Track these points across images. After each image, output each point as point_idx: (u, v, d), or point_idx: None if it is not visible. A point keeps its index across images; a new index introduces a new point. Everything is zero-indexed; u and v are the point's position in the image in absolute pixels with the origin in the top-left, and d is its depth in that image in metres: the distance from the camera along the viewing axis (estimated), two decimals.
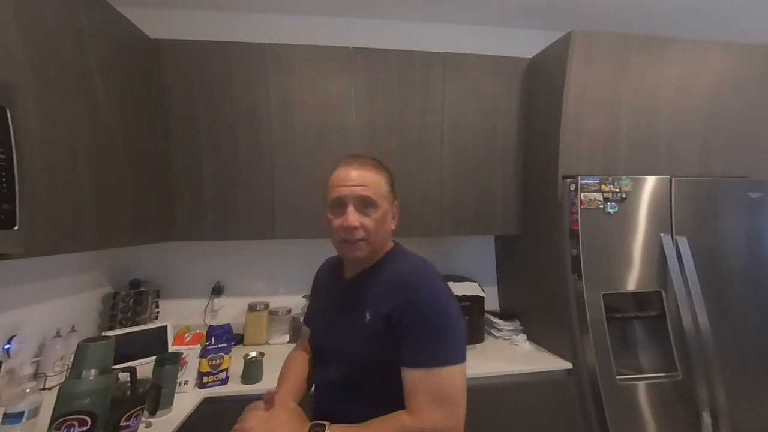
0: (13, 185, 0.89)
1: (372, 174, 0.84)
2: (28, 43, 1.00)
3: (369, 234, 0.81)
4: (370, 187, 0.82)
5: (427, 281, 0.79)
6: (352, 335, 0.81)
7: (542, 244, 1.74)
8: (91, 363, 0.99)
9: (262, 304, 1.92)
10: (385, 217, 0.84)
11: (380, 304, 0.78)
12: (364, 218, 0.81)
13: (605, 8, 2.03)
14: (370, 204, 0.81)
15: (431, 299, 0.76)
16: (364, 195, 0.81)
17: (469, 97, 1.83)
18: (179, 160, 1.68)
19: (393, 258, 0.87)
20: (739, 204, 1.60)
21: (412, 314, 0.74)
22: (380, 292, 0.80)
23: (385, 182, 0.86)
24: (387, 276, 0.82)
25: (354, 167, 0.84)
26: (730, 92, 1.74)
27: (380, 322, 0.76)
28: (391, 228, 0.88)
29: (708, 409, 1.43)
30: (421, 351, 0.73)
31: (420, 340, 0.73)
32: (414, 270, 0.82)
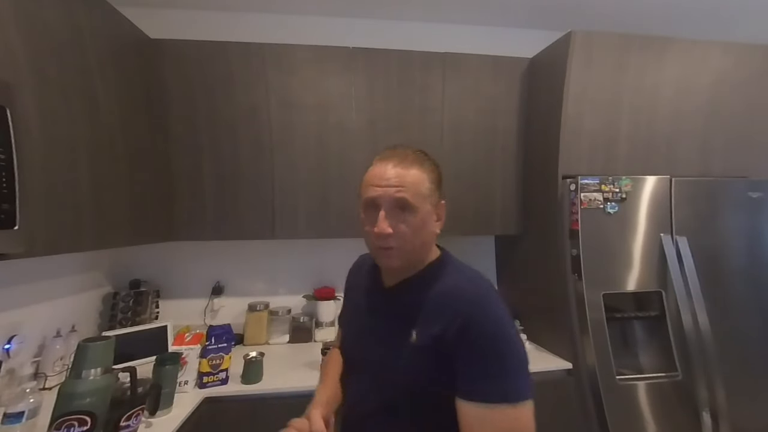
0: (13, 185, 0.88)
1: (412, 171, 0.71)
2: (28, 43, 1.00)
3: (404, 242, 0.71)
4: (408, 187, 0.70)
5: (488, 302, 0.68)
6: (393, 355, 0.71)
7: (542, 244, 1.74)
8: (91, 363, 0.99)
9: (262, 304, 1.92)
10: (425, 222, 0.72)
11: (430, 323, 0.68)
12: (399, 224, 0.70)
13: (605, 8, 2.03)
14: (407, 207, 0.70)
15: (493, 322, 0.65)
16: (399, 197, 0.69)
17: (469, 97, 1.83)
18: (179, 160, 1.68)
19: (442, 269, 0.76)
20: (739, 204, 1.60)
21: (470, 337, 0.63)
22: (430, 309, 0.70)
23: (428, 179, 0.73)
24: (438, 291, 0.71)
25: (391, 163, 0.72)
26: (730, 92, 1.74)
27: (429, 344, 0.67)
28: (434, 232, 0.76)
29: (708, 409, 1.43)
30: (483, 382, 0.62)
31: (483, 370, 0.62)
32: (471, 287, 0.70)
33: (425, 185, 0.72)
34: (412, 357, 0.68)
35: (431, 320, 0.68)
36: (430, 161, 0.76)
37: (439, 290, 0.71)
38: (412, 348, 0.68)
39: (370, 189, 0.72)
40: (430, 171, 0.74)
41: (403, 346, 0.69)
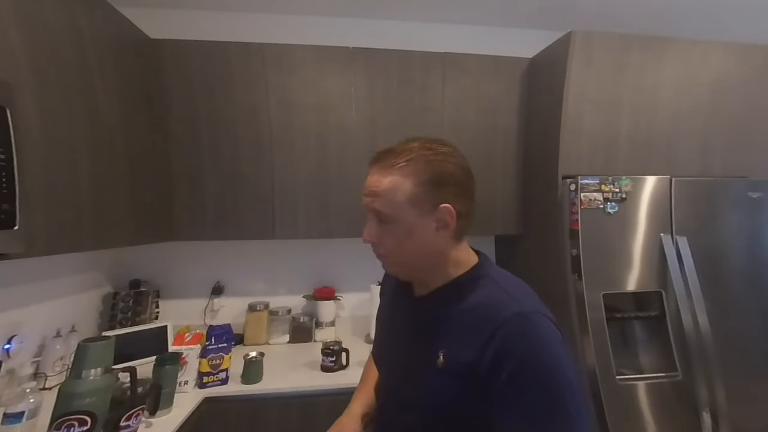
0: (13, 185, 0.89)
1: (390, 177, 0.62)
2: (28, 43, 1.00)
3: (390, 253, 0.65)
4: (381, 196, 0.63)
5: (530, 328, 0.57)
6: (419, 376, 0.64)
7: (542, 244, 1.74)
8: (91, 363, 0.99)
9: (262, 304, 1.92)
10: (413, 231, 0.63)
11: (460, 346, 0.60)
12: (383, 236, 0.65)
13: (605, 8, 2.03)
14: (384, 218, 0.63)
15: (537, 354, 0.54)
16: (373, 208, 0.64)
17: (469, 97, 1.83)
18: (179, 160, 1.68)
19: (477, 280, 0.66)
20: (739, 204, 1.60)
21: (509, 373, 0.53)
22: (461, 328, 0.61)
23: (413, 183, 0.62)
24: (471, 308, 0.62)
25: (372, 169, 0.66)
26: (730, 92, 1.74)
27: (458, 370, 0.58)
28: (434, 242, 0.64)
29: (708, 409, 1.43)
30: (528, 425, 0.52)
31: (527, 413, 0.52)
32: (511, 305, 0.59)
33: (406, 191, 0.62)
34: (440, 383, 0.61)
35: (462, 343, 0.60)
36: (429, 158, 0.63)
37: (473, 305, 0.62)
38: (439, 373, 0.61)
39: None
40: (422, 171, 0.62)
41: (428, 367, 0.62)
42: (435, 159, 0.63)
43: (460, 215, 0.64)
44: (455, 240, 0.67)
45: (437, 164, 0.63)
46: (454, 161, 0.64)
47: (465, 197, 0.65)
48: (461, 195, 0.65)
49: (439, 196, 0.63)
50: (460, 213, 0.64)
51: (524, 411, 0.52)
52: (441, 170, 0.63)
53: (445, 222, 0.63)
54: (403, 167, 0.62)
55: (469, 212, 0.66)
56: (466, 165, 0.66)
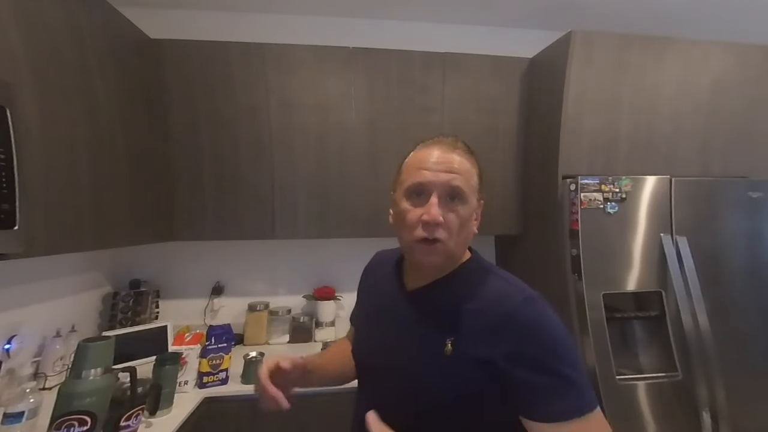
0: (13, 185, 0.89)
1: (465, 160, 0.66)
2: (28, 43, 1.00)
3: (451, 235, 0.63)
4: (462, 176, 0.64)
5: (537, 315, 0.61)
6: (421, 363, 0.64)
7: (542, 244, 1.74)
8: (91, 363, 0.99)
9: (262, 304, 1.92)
10: (470, 216, 0.66)
11: (470, 337, 0.61)
12: (449, 214, 0.63)
13: (605, 8, 2.03)
14: (459, 197, 0.64)
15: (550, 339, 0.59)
16: (454, 185, 0.63)
17: (469, 97, 1.84)
18: (179, 160, 1.68)
19: (478, 272, 0.68)
20: (739, 204, 1.60)
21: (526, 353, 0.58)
22: (469, 319, 0.62)
23: (477, 174, 0.68)
24: (474, 298, 0.64)
25: (444, 148, 0.66)
26: (730, 92, 1.74)
27: (471, 361, 0.60)
28: (474, 232, 0.69)
29: (708, 409, 1.43)
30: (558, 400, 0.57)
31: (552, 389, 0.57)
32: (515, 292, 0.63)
33: (474, 178, 0.67)
34: (450, 372, 0.61)
35: (471, 332, 0.61)
36: (477, 157, 0.70)
37: (476, 295, 0.64)
38: (447, 361, 0.61)
39: (419, 173, 0.64)
40: (478, 166, 0.69)
41: (436, 358, 0.62)
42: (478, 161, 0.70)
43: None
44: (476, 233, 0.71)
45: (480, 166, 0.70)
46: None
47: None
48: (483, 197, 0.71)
49: (481, 192, 0.69)
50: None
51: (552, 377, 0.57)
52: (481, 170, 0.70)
53: (479, 215, 0.70)
54: (470, 157, 0.68)
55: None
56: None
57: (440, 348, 0.62)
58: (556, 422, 0.57)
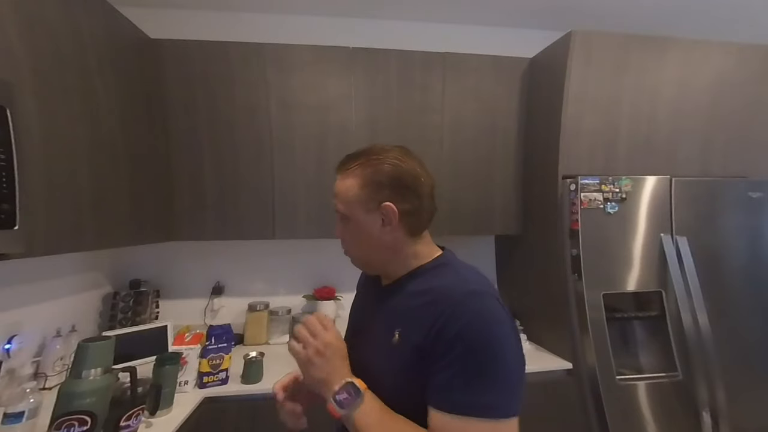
0: (13, 185, 0.88)
1: (342, 180, 0.72)
2: (28, 43, 1.00)
3: (349, 250, 0.75)
4: (338, 197, 0.72)
5: (478, 302, 0.61)
6: (377, 354, 0.69)
7: (542, 244, 1.74)
8: (91, 363, 0.99)
9: (262, 304, 1.92)
10: (362, 228, 0.70)
11: (412, 324, 0.64)
12: (344, 233, 0.74)
13: (605, 8, 2.03)
14: (343, 217, 0.73)
15: (477, 326, 0.58)
16: (336, 210, 0.73)
17: (469, 97, 1.83)
18: (179, 160, 1.68)
19: (436, 269, 0.72)
20: (739, 204, 1.60)
21: (447, 341, 0.58)
22: (412, 308, 0.66)
23: (359, 184, 0.69)
24: (423, 291, 0.67)
25: (337, 173, 0.74)
26: (731, 92, 1.74)
27: (409, 348, 0.63)
28: (385, 240, 0.70)
29: (708, 409, 1.43)
30: (456, 391, 0.56)
31: (457, 378, 0.56)
32: (459, 284, 0.64)
33: (353, 191, 0.70)
34: (394, 360, 0.65)
35: (413, 321, 0.64)
36: (376, 162, 0.69)
37: (425, 288, 0.67)
38: (392, 350, 0.65)
39: None
40: (368, 173, 0.69)
41: (386, 347, 0.67)
42: (379, 163, 0.69)
43: (407, 213, 0.69)
44: (409, 235, 0.72)
45: (380, 168, 0.69)
46: (396, 164, 0.69)
47: (411, 196, 0.70)
48: (405, 195, 0.69)
49: (381, 196, 0.69)
50: (406, 211, 0.69)
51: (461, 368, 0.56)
52: (383, 173, 0.69)
53: (389, 219, 0.69)
54: (354, 170, 0.71)
55: (417, 210, 0.70)
56: (413, 167, 0.71)
57: (390, 338, 0.66)
58: (447, 413, 0.56)
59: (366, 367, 0.68)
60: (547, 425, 1.52)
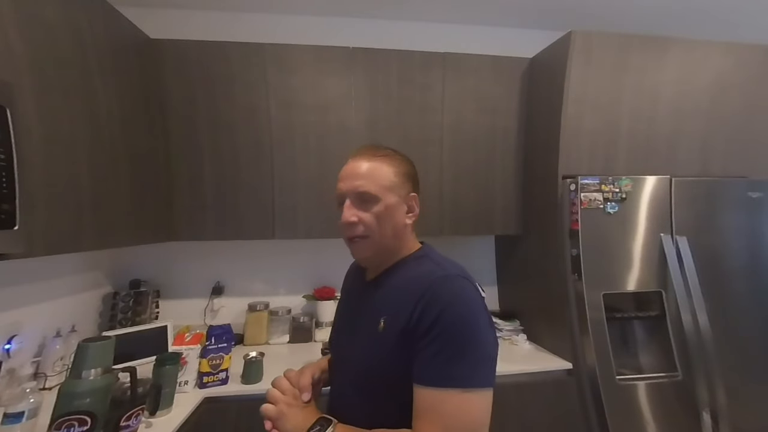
0: (13, 185, 0.89)
1: (375, 164, 0.75)
2: (28, 43, 1.00)
3: (370, 230, 0.73)
4: (368, 179, 0.74)
5: (452, 288, 0.66)
6: (365, 343, 0.73)
7: (542, 244, 1.74)
8: (91, 363, 0.99)
9: (262, 304, 1.92)
10: (391, 211, 0.75)
11: (396, 311, 0.69)
12: (363, 213, 0.74)
13: (605, 8, 2.03)
14: (369, 199, 0.74)
15: (454, 308, 0.64)
16: (360, 191, 0.73)
17: (469, 97, 1.83)
18: (179, 159, 1.68)
19: (417, 260, 0.77)
20: (739, 204, 1.60)
21: (429, 323, 0.63)
22: (396, 296, 0.71)
23: (393, 172, 0.76)
24: (405, 279, 0.73)
25: (356, 159, 0.77)
26: (731, 92, 1.74)
27: (395, 333, 0.67)
28: (404, 222, 0.77)
29: (708, 409, 1.43)
30: (437, 367, 0.61)
31: (438, 355, 0.62)
32: (437, 271, 0.70)
33: (388, 177, 0.76)
34: (380, 346, 0.69)
35: (397, 308, 0.69)
36: (399, 156, 0.80)
37: (407, 277, 0.73)
38: (379, 337, 0.70)
39: (337, 186, 0.78)
40: (397, 164, 0.78)
41: (373, 335, 0.71)
42: (403, 159, 0.81)
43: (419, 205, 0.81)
44: (412, 228, 0.80)
45: (405, 163, 0.81)
46: (412, 163, 0.83)
47: (419, 192, 0.82)
48: (418, 191, 0.82)
49: (409, 187, 0.79)
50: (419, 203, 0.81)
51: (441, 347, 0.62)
52: (410, 168, 0.81)
53: (412, 207, 0.79)
54: (383, 158, 0.77)
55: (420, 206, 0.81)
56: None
57: (376, 326, 0.71)
58: (426, 386, 0.62)
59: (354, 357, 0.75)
60: (547, 425, 1.52)
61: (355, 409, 0.72)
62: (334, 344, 0.90)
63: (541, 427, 1.51)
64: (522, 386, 1.51)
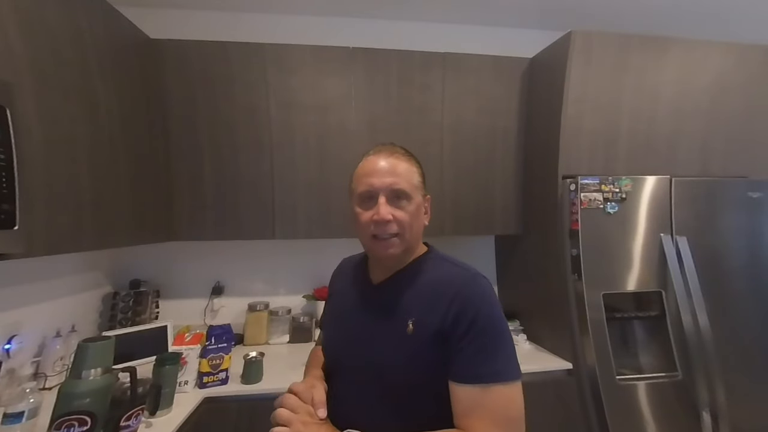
0: (13, 185, 0.89)
1: (404, 163, 0.76)
2: (28, 43, 1.00)
3: (404, 229, 0.73)
4: (403, 177, 0.74)
5: (480, 289, 0.70)
6: (389, 347, 0.71)
7: (542, 244, 1.74)
8: (91, 363, 0.99)
9: (262, 304, 1.92)
10: (419, 211, 0.76)
11: (426, 314, 0.69)
12: (398, 211, 0.73)
13: (605, 8, 2.03)
14: (404, 196, 0.74)
15: (487, 308, 0.68)
16: (396, 188, 0.73)
17: (469, 97, 1.83)
18: (179, 159, 1.68)
19: (431, 261, 0.79)
20: (739, 204, 1.60)
21: (467, 325, 0.66)
22: (426, 299, 0.71)
23: (417, 173, 0.78)
24: (430, 281, 0.74)
25: (383, 156, 0.76)
26: (730, 92, 1.74)
27: (427, 334, 0.68)
28: (424, 224, 0.79)
29: (708, 409, 1.43)
30: (478, 365, 0.64)
31: (478, 354, 0.65)
32: (464, 275, 0.73)
33: (416, 177, 0.77)
34: (410, 348, 0.69)
35: (427, 310, 0.70)
36: (415, 158, 0.81)
37: (432, 279, 0.74)
38: (408, 339, 0.69)
39: (366, 180, 0.75)
40: (417, 166, 0.79)
41: (400, 338, 0.70)
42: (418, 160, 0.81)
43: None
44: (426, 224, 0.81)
45: (420, 165, 0.81)
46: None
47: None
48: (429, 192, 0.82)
49: (424, 189, 0.80)
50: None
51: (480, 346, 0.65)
52: (423, 170, 0.81)
53: (427, 209, 0.81)
54: (410, 159, 0.79)
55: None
56: None
57: (404, 329, 0.70)
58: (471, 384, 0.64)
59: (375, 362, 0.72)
60: (547, 425, 1.52)
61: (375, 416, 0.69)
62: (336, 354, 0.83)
63: (541, 427, 1.51)
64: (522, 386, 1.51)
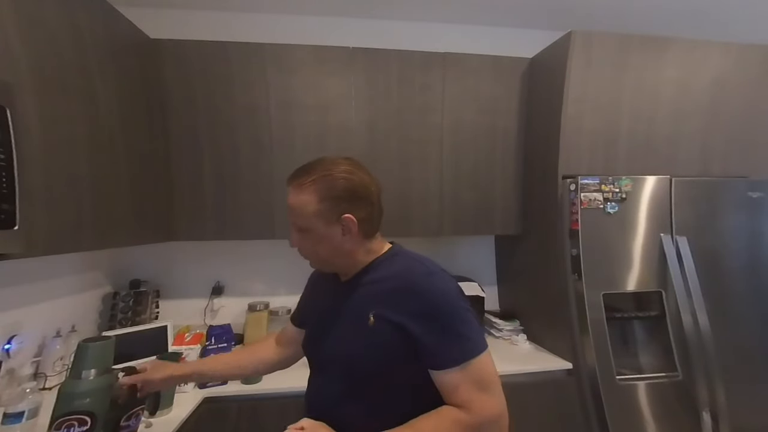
0: (13, 185, 0.88)
1: (300, 196, 0.76)
2: (28, 43, 1.00)
3: (308, 257, 0.82)
4: (296, 213, 0.77)
5: (434, 279, 0.75)
6: (352, 339, 0.78)
7: (542, 244, 1.74)
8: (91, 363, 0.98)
9: (262, 304, 1.91)
10: (323, 238, 0.77)
11: (383, 305, 0.75)
12: (301, 241, 0.80)
13: (605, 8, 2.03)
14: (302, 230, 0.78)
15: (443, 298, 0.73)
16: (292, 222, 0.79)
17: (469, 97, 1.83)
18: (179, 160, 1.68)
19: (390, 258, 0.83)
20: (739, 204, 1.60)
21: (427, 319, 0.72)
22: (384, 294, 0.76)
23: (318, 199, 0.75)
24: (387, 277, 0.78)
25: (289, 187, 0.78)
26: (730, 92, 1.74)
27: (387, 326, 0.73)
28: (346, 247, 0.79)
29: (708, 409, 1.43)
30: (448, 351, 0.71)
31: (444, 342, 0.71)
32: (417, 269, 0.77)
33: (313, 207, 0.75)
34: (371, 340, 0.74)
35: (385, 303, 0.75)
36: (332, 177, 0.75)
37: (388, 276, 0.78)
38: (369, 332, 0.74)
39: None
40: (327, 188, 0.75)
41: (362, 332, 0.75)
42: (333, 179, 0.76)
43: (363, 220, 0.78)
44: (365, 239, 0.81)
45: (335, 183, 0.75)
46: (349, 177, 0.76)
47: (365, 205, 0.78)
48: (360, 205, 0.77)
49: (340, 209, 0.76)
50: (362, 219, 0.77)
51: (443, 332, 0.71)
52: (338, 188, 0.75)
53: (349, 228, 0.77)
54: (308, 186, 0.76)
55: (371, 216, 0.80)
56: (363, 178, 0.78)
57: (365, 322, 0.75)
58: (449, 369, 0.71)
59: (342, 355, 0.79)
60: (547, 425, 1.52)
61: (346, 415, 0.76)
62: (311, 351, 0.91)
63: (541, 427, 1.51)
64: (522, 386, 1.51)
